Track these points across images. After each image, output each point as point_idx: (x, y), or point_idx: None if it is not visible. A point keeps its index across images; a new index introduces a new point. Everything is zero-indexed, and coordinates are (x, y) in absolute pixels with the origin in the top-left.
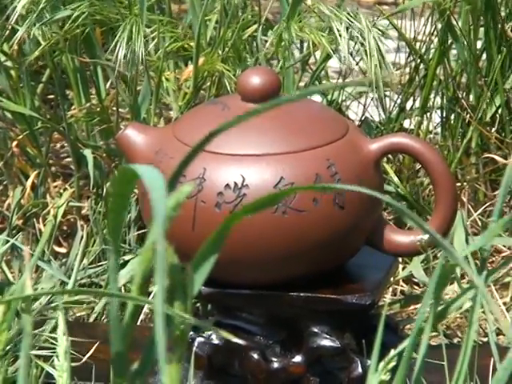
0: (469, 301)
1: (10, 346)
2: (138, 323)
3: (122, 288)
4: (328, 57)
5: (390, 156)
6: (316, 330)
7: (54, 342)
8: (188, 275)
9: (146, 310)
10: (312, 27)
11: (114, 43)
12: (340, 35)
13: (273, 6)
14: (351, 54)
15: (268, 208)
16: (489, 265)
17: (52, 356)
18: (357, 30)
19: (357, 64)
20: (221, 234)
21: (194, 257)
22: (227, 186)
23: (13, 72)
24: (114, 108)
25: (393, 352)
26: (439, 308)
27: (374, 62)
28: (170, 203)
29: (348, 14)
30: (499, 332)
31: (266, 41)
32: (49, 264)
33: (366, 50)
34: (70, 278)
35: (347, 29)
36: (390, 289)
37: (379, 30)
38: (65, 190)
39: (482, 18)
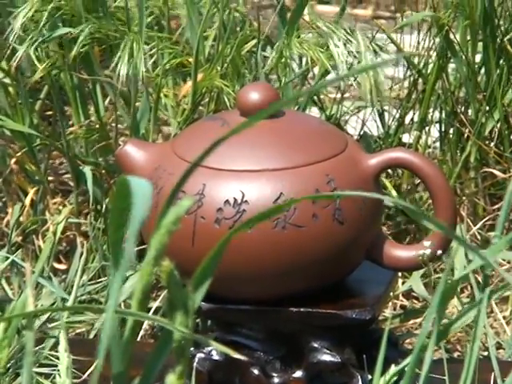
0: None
1: (11, 362)
2: (138, 339)
3: (122, 304)
4: (326, 72)
5: (389, 171)
6: (316, 345)
7: (54, 359)
8: (188, 291)
9: (145, 325)
10: (310, 43)
11: (116, 60)
12: (337, 53)
13: (272, 21)
14: (349, 70)
15: (267, 223)
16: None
17: (53, 373)
18: (353, 47)
19: (355, 80)
20: (220, 250)
21: (193, 273)
22: (227, 201)
23: (11, 89)
24: (113, 124)
25: (394, 367)
26: (442, 324)
27: (369, 79)
28: (169, 218)
29: (345, 30)
30: (499, 346)
31: (265, 56)
32: (49, 281)
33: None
34: (69, 294)
35: (344, 45)
36: (390, 303)
37: (377, 45)
38: (64, 206)
39: (480, 32)
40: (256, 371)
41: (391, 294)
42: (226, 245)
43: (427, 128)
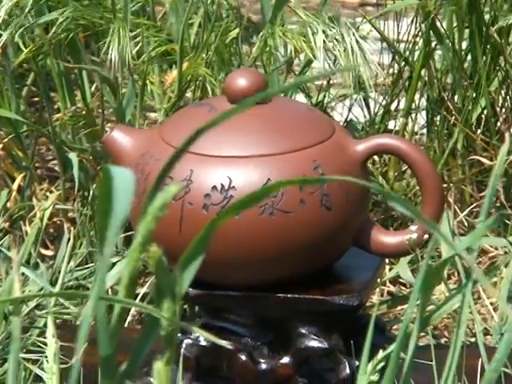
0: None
1: None
2: (126, 325)
3: (109, 290)
4: (310, 60)
5: (375, 157)
6: (304, 331)
7: (42, 344)
8: (176, 276)
9: (133, 311)
10: (294, 32)
11: (106, 46)
12: (315, 43)
13: (254, 7)
14: (334, 57)
15: (255, 209)
16: (476, 265)
17: (40, 359)
18: (337, 35)
19: (341, 65)
20: (207, 234)
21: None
22: (214, 187)
23: None
24: (100, 111)
25: (381, 353)
26: (428, 310)
27: (354, 62)
28: (156, 204)
29: (329, 18)
30: (487, 332)
31: (250, 43)
32: (35, 268)
33: (347, 53)
34: (56, 280)
35: (324, 33)
36: (377, 289)
37: (360, 36)
38: (51, 192)
39: (466, 19)
40: (243, 357)
41: (378, 280)
42: (212, 229)
43: (414, 115)
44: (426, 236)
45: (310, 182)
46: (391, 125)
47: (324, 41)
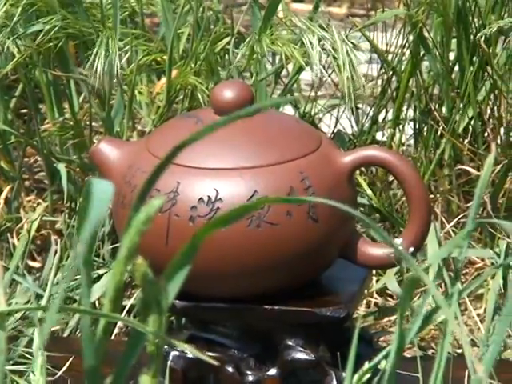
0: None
1: None
2: (112, 337)
3: (96, 302)
4: (300, 69)
5: (362, 168)
6: (291, 343)
7: (29, 356)
8: (162, 289)
9: (120, 324)
10: (284, 40)
11: (92, 57)
12: (312, 48)
13: (245, 19)
14: (323, 67)
15: (242, 221)
16: (462, 277)
17: (27, 371)
18: (329, 43)
19: (329, 76)
20: (193, 246)
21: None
22: (201, 199)
23: None
24: (88, 122)
25: (367, 364)
26: (417, 324)
27: (345, 75)
28: (140, 217)
29: (320, 26)
30: (473, 344)
31: (238, 54)
32: (24, 278)
33: (337, 63)
34: (44, 292)
35: (319, 41)
36: (364, 301)
37: (351, 42)
38: (38, 204)
39: (454, 29)
40: (230, 369)
41: (365, 291)
42: (198, 242)
43: (401, 126)
44: (412, 249)
45: (297, 201)
46: (379, 136)
47: (320, 51)
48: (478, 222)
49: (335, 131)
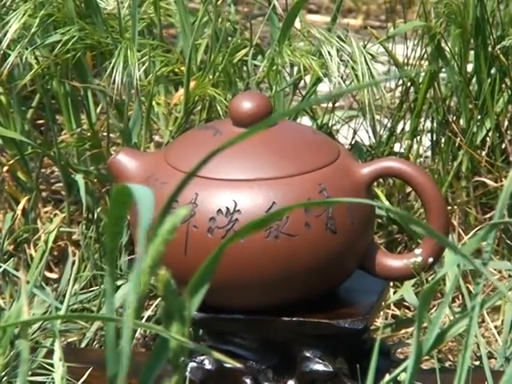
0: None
1: (5, 371)
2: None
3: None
4: (318, 80)
5: (380, 180)
6: (308, 355)
7: (48, 367)
8: (184, 300)
9: (137, 335)
10: (302, 51)
11: (110, 68)
12: (331, 59)
13: (262, 30)
14: (342, 78)
15: (260, 233)
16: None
17: (45, 382)
18: (347, 53)
19: (347, 87)
20: (215, 259)
21: (185, 281)
22: (219, 211)
23: (2, 97)
24: (105, 133)
25: (388, 376)
26: (434, 334)
27: (366, 83)
28: (165, 227)
29: (339, 37)
30: (491, 356)
31: (256, 65)
32: (42, 290)
33: (356, 74)
34: (61, 303)
35: (337, 52)
36: (382, 313)
37: (370, 54)
38: (55, 215)
39: (472, 41)
40: (248, 380)
41: (383, 303)
42: (220, 254)
43: (419, 137)
44: (431, 260)
45: (317, 205)
46: (397, 147)
47: (338, 62)
48: (492, 224)
49: (353, 142)
